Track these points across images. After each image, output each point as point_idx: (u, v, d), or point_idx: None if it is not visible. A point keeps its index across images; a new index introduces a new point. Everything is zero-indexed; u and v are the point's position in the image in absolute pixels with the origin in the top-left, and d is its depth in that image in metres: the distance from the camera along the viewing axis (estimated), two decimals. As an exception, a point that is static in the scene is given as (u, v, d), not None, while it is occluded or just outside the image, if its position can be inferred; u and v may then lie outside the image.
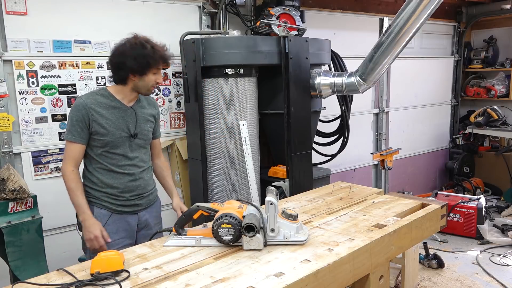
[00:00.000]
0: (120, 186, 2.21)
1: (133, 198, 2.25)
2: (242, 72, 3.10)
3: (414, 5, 2.75)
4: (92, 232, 2.09)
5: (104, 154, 2.18)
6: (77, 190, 2.14)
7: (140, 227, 2.31)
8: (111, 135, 2.15)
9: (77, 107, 2.12)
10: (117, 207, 2.23)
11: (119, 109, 2.18)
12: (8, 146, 2.78)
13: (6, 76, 2.75)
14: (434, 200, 2.82)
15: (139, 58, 2.08)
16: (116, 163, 2.20)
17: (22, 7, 2.78)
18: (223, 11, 3.57)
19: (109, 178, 2.20)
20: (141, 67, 2.10)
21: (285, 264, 1.59)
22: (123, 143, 2.20)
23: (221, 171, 3.17)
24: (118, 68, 2.14)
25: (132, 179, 2.24)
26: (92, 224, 2.11)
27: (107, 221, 2.20)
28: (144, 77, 2.13)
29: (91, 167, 2.22)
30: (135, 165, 2.25)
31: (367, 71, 3.18)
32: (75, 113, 2.11)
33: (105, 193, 2.21)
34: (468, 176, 5.78)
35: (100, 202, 2.21)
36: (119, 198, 2.22)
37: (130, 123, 2.21)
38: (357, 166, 4.99)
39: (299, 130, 3.30)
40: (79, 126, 2.11)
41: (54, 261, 2.70)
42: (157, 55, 2.13)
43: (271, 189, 1.80)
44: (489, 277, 3.52)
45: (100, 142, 2.15)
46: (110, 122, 2.15)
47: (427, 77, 5.63)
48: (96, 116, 2.12)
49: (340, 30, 4.54)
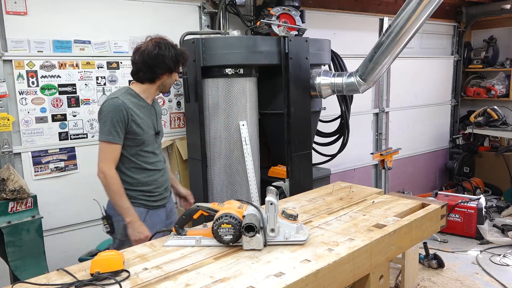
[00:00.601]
0: (154, 183, 2.32)
1: (163, 192, 2.39)
2: (242, 72, 3.10)
3: (414, 5, 2.75)
4: (143, 233, 2.18)
5: (139, 153, 2.26)
6: (122, 192, 2.20)
7: (167, 217, 2.45)
8: (145, 133, 2.25)
9: (117, 107, 2.14)
10: (152, 203, 2.34)
11: (146, 108, 2.29)
12: (8, 146, 2.78)
13: (6, 76, 2.76)
14: (434, 200, 2.82)
15: (174, 58, 2.24)
16: (148, 160, 2.29)
17: (22, 7, 2.78)
18: (223, 11, 3.57)
19: (143, 176, 2.28)
20: (174, 66, 2.26)
21: (285, 264, 1.58)
22: (152, 141, 2.31)
23: (221, 171, 3.17)
24: (153, 67, 2.22)
25: (161, 174, 2.37)
26: (141, 225, 2.20)
27: (145, 218, 2.29)
28: (172, 75, 2.31)
29: (124, 167, 2.26)
30: (161, 161, 2.39)
31: (367, 71, 3.18)
32: (116, 114, 2.13)
33: (140, 192, 2.29)
34: (468, 176, 5.78)
35: (137, 201, 2.29)
36: (154, 194, 2.33)
37: (154, 121, 2.34)
38: (357, 166, 4.99)
39: (299, 130, 3.30)
40: (119, 127, 2.15)
41: (54, 261, 2.70)
42: (186, 55, 2.34)
43: (271, 189, 1.80)
44: (489, 277, 3.52)
45: (135, 142, 2.23)
46: (143, 121, 2.24)
47: (427, 77, 5.63)
48: (134, 116, 2.19)
49: (340, 30, 4.54)
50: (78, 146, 3.07)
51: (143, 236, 2.17)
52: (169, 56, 2.21)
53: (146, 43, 2.24)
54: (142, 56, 2.22)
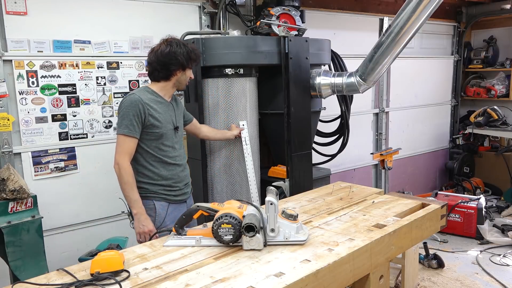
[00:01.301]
0: (174, 177, 2.44)
1: (183, 187, 2.51)
2: (242, 72, 3.10)
3: (414, 5, 2.75)
4: (147, 226, 2.28)
5: (158, 146, 2.37)
6: (134, 184, 2.30)
7: None
8: (164, 127, 2.37)
9: (134, 102, 2.28)
10: (172, 197, 2.44)
11: (164, 104, 2.42)
12: (8, 146, 2.78)
13: (6, 76, 2.75)
14: (434, 200, 2.82)
15: (186, 55, 2.39)
16: (168, 154, 2.41)
17: (22, 7, 2.78)
18: (223, 11, 3.57)
19: (163, 170, 2.40)
20: (187, 62, 2.41)
21: (285, 264, 1.59)
22: (171, 135, 2.43)
23: (221, 171, 3.17)
24: (167, 64, 2.37)
25: (181, 169, 2.49)
26: (147, 218, 2.30)
27: (167, 210, 2.40)
28: (186, 71, 2.44)
29: (144, 161, 2.37)
30: (182, 156, 2.52)
31: (367, 71, 3.18)
32: (132, 108, 2.26)
33: (161, 186, 2.39)
34: (468, 176, 5.77)
35: (158, 195, 2.39)
36: (174, 189, 2.45)
37: (172, 116, 2.46)
38: (357, 166, 4.99)
39: (299, 130, 3.30)
40: (135, 121, 2.26)
41: (54, 261, 2.70)
42: (198, 52, 2.50)
43: (271, 189, 1.80)
44: (489, 277, 3.52)
45: (154, 135, 2.35)
46: (162, 115, 2.37)
47: (427, 77, 5.63)
48: (151, 111, 2.32)
49: (340, 30, 4.54)
50: (78, 146, 3.06)
51: (146, 229, 2.27)
52: (181, 53, 2.36)
53: (159, 44, 2.41)
54: (156, 56, 2.38)
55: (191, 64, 2.46)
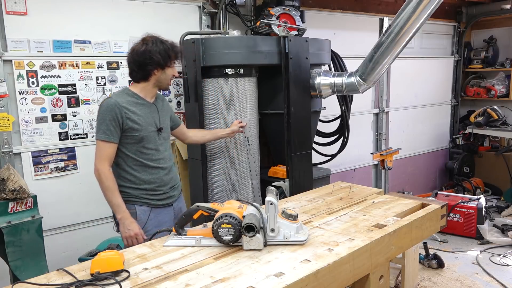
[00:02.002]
0: (157, 181, 2.36)
1: (168, 191, 2.42)
2: (242, 72, 3.10)
3: (414, 5, 2.75)
4: (133, 230, 2.23)
5: (140, 150, 2.30)
6: (115, 189, 2.23)
7: (174, 216, 2.45)
8: (144, 130, 2.28)
9: (110, 107, 2.21)
10: (155, 201, 2.36)
11: (145, 106, 2.33)
12: (8, 146, 2.78)
13: (6, 76, 2.76)
14: (434, 200, 2.82)
15: (162, 52, 2.27)
16: (150, 157, 2.33)
17: (22, 7, 2.78)
18: (223, 11, 3.57)
19: (146, 174, 2.32)
20: (164, 60, 2.28)
21: (285, 264, 1.58)
22: (154, 138, 2.34)
23: (221, 171, 3.17)
24: (143, 64, 2.27)
25: (165, 172, 2.40)
26: (132, 222, 2.24)
27: (148, 216, 2.33)
28: (166, 69, 2.32)
29: (126, 165, 2.31)
30: (166, 159, 2.41)
31: (367, 71, 3.18)
32: (109, 113, 2.20)
33: (143, 190, 2.32)
34: (468, 176, 5.77)
35: (140, 199, 2.33)
36: (157, 192, 2.37)
37: (155, 118, 2.37)
38: (357, 166, 4.99)
39: (299, 130, 3.30)
40: (113, 125, 2.20)
41: (54, 261, 2.70)
42: (176, 48, 2.35)
43: (271, 189, 1.80)
44: (489, 277, 3.52)
45: (134, 138, 2.27)
46: (141, 117, 2.28)
47: (427, 77, 5.63)
48: (129, 114, 2.23)
49: (340, 30, 4.54)
50: (78, 146, 3.07)
51: (132, 233, 2.22)
52: (156, 51, 2.24)
53: (137, 43, 2.30)
54: (132, 55, 2.29)
55: (170, 62, 2.33)
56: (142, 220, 2.32)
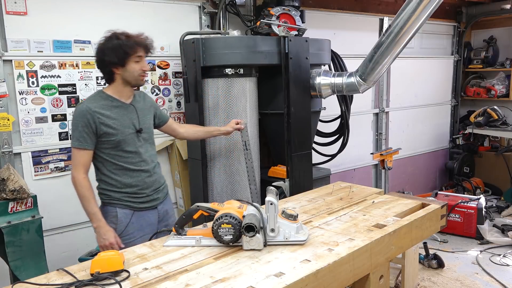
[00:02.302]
0: (139, 184, 2.28)
1: (152, 193, 2.34)
2: (242, 72, 3.10)
3: (414, 5, 2.75)
4: (108, 239, 2.15)
5: (118, 154, 2.23)
6: (90, 197, 2.17)
7: (159, 219, 2.40)
8: (120, 133, 2.20)
9: (82, 113, 2.14)
10: (138, 204, 2.30)
11: (120, 108, 2.23)
12: (8, 146, 2.78)
13: (6, 76, 2.75)
14: (434, 200, 2.82)
15: (116, 50, 2.12)
16: (130, 161, 2.25)
17: (22, 7, 2.78)
18: (223, 11, 3.57)
19: (127, 177, 2.26)
20: (119, 58, 2.13)
21: (285, 264, 1.58)
22: (132, 140, 2.25)
23: (221, 171, 3.17)
24: (101, 65, 2.19)
25: (148, 175, 2.31)
26: (107, 231, 2.17)
27: (130, 219, 2.27)
28: (127, 67, 2.17)
29: (106, 169, 2.24)
30: (148, 161, 2.32)
31: (367, 71, 3.18)
32: (80, 120, 2.13)
33: (125, 193, 2.26)
34: (468, 176, 5.77)
35: (122, 202, 2.27)
36: (140, 196, 2.29)
37: (133, 119, 2.27)
38: (357, 166, 4.99)
39: (299, 130, 3.30)
40: (85, 132, 2.13)
41: (54, 261, 2.70)
42: (132, 42, 2.16)
43: (271, 189, 1.80)
44: (489, 277, 3.52)
45: (111, 143, 2.20)
46: (117, 121, 2.20)
47: (427, 77, 5.63)
48: (102, 118, 2.15)
49: (340, 30, 4.54)
50: (78, 146, 3.06)
51: (107, 243, 2.15)
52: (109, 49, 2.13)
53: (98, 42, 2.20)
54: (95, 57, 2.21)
55: (129, 58, 2.15)
56: (123, 223, 2.26)
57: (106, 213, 2.25)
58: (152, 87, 3.38)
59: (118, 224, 2.25)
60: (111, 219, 2.25)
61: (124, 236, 2.26)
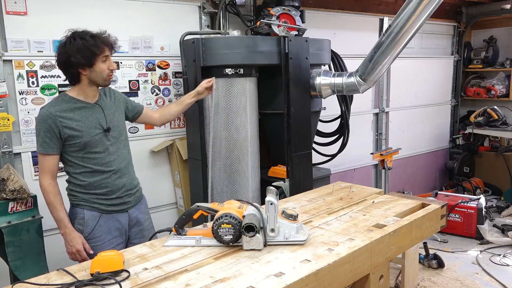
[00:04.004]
0: (109, 186, 2.23)
1: (122, 196, 2.27)
2: (242, 72, 3.10)
3: (414, 5, 2.75)
4: (74, 246, 2.14)
5: (86, 156, 2.18)
6: (57, 203, 2.15)
7: (131, 224, 2.35)
8: (86, 135, 2.14)
9: (42, 118, 2.08)
10: (107, 207, 2.24)
11: (85, 109, 2.17)
12: (8, 146, 2.78)
13: (6, 76, 2.75)
14: (434, 200, 2.82)
15: (82, 50, 2.05)
16: (100, 162, 2.20)
17: (22, 7, 2.78)
18: (223, 11, 3.57)
19: (96, 179, 2.21)
20: (86, 58, 2.07)
21: (285, 264, 1.59)
22: (101, 140, 2.19)
23: (221, 171, 3.17)
24: (66, 67, 2.11)
25: (118, 176, 2.26)
26: (74, 238, 2.15)
27: (97, 221, 2.22)
28: (94, 67, 2.11)
29: (75, 173, 2.21)
30: (118, 160, 2.26)
31: (367, 71, 3.18)
32: (42, 125, 2.08)
33: (94, 195, 2.22)
34: (468, 176, 5.78)
35: (90, 204, 2.22)
36: (109, 198, 2.24)
37: (100, 119, 2.21)
38: (357, 166, 4.99)
39: (299, 130, 3.30)
40: (48, 137, 2.09)
41: (54, 261, 2.69)
42: (99, 42, 2.10)
43: (271, 189, 1.80)
44: (489, 277, 3.52)
45: (77, 146, 2.15)
46: (81, 122, 2.14)
47: (427, 77, 5.63)
48: (65, 122, 2.09)
49: (340, 30, 4.54)
50: (78, 146, 3.06)
51: (74, 250, 2.15)
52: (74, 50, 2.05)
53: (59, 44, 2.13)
54: (56, 62, 2.14)
55: (96, 58, 2.09)
56: (90, 225, 2.22)
57: (74, 215, 2.23)
58: (152, 87, 3.38)
59: (85, 226, 2.21)
60: (78, 221, 2.22)
61: (91, 239, 2.22)
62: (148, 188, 3.16)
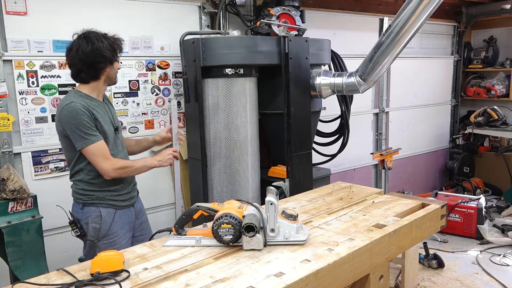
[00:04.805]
0: (122, 181, 2.29)
1: (130, 191, 2.37)
2: (242, 72, 3.10)
3: (414, 5, 2.75)
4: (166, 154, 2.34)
5: None
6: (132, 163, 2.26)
7: (136, 216, 2.42)
8: (108, 131, 2.22)
9: (79, 110, 2.09)
10: (120, 202, 2.31)
11: (100, 106, 2.24)
12: (8, 146, 2.78)
13: (6, 76, 2.75)
14: (434, 200, 2.82)
15: (110, 47, 2.20)
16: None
17: (22, 7, 2.78)
18: (223, 11, 3.57)
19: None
20: (113, 55, 2.22)
21: (285, 264, 1.59)
22: (113, 138, 2.27)
23: (221, 171, 3.17)
24: (94, 63, 2.17)
25: None
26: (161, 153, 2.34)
27: (113, 218, 2.27)
28: (114, 64, 2.25)
29: (90, 170, 2.22)
30: (125, 157, 2.36)
31: (367, 71, 3.18)
32: (82, 116, 2.09)
33: (108, 192, 2.26)
34: (468, 176, 5.78)
35: (105, 201, 2.26)
36: (122, 193, 2.31)
37: (111, 117, 2.30)
38: (357, 166, 4.99)
39: (299, 130, 3.30)
40: (92, 126, 2.12)
41: (54, 261, 2.70)
42: (118, 40, 2.28)
43: (271, 189, 1.80)
44: (489, 277, 3.52)
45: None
46: (104, 119, 2.21)
47: (427, 77, 5.63)
48: (96, 115, 2.16)
49: (340, 30, 4.54)
50: (78, 146, 3.06)
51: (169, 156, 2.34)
52: (105, 48, 2.17)
53: (77, 42, 2.17)
54: (78, 56, 2.15)
55: (117, 56, 2.26)
56: (107, 222, 2.24)
57: (88, 213, 2.23)
58: (152, 87, 3.38)
59: (102, 224, 2.23)
60: (94, 219, 2.23)
61: (108, 235, 2.24)
62: (148, 188, 3.16)
